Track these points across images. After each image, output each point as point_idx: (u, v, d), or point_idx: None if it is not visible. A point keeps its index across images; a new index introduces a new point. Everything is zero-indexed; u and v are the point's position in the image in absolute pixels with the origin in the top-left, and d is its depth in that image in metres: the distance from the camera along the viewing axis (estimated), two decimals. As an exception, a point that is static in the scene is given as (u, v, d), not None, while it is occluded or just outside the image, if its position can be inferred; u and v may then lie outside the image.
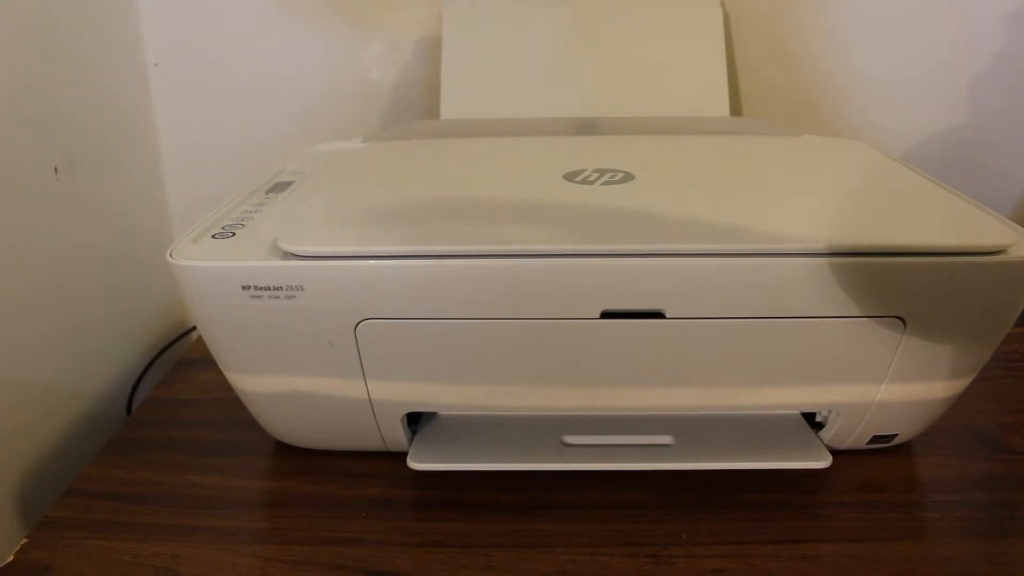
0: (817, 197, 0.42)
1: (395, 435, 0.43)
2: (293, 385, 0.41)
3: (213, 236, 0.39)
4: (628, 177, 0.43)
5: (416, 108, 0.70)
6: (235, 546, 0.40)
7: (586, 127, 0.59)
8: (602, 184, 0.42)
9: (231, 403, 0.44)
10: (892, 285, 0.36)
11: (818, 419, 0.44)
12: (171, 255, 0.37)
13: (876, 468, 0.44)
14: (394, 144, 0.53)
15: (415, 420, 0.44)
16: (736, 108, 0.69)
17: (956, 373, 0.40)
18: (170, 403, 0.53)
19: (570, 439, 0.43)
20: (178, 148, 0.71)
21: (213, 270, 0.37)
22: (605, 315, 0.37)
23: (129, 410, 0.62)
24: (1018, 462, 0.45)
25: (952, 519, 0.41)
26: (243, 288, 0.36)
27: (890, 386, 0.40)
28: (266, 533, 0.41)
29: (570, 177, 0.43)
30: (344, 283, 0.36)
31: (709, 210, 0.40)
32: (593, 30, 0.62)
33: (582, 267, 0.35)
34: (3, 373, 0.49)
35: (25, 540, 0.40)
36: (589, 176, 0.43)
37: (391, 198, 0.41)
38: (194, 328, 0.68)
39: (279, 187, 0.46)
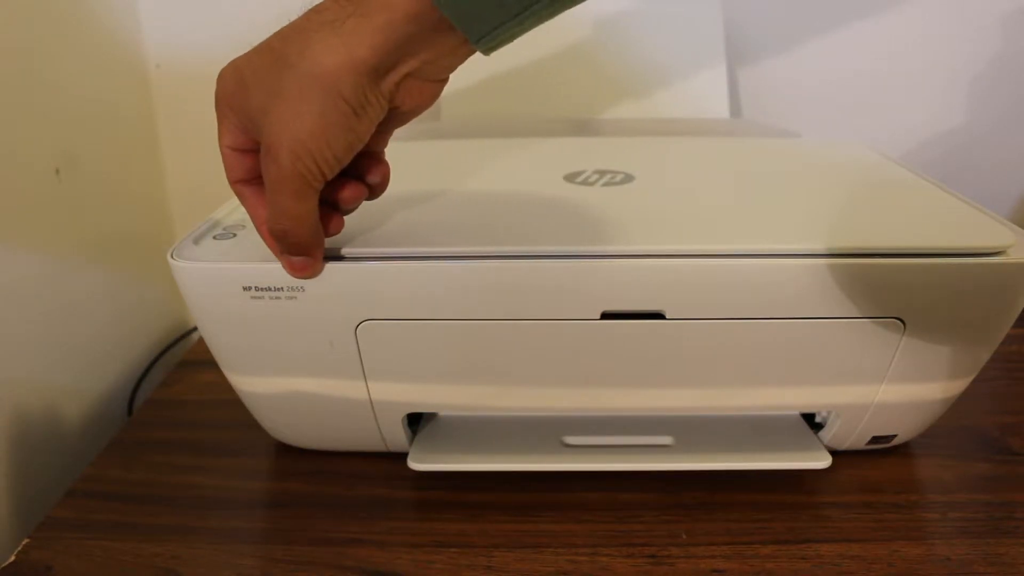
0: (817, 198, 0.42)
1: (396, 436, 0.43)
2: (294, 386, 0.41)
3: (214, 237, 0.39)
4: (628, 178, 0.43)
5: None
6: (236, 546, 0.40)
7: (586, 128, 0.59)
8: (602, 185, 0.42)
9: (232, 404, 0.44)
10: (891, 286, 0.36)
11: (818, 420, 0.44)
12: (172, 256, 0.37)
13: (875, 468, 0.45)
14: (394, 145, 0.53)
15: (416, 420, 0.45)
16: (736, 109, 0.69)
17: (955, 374, 0.40)
18: (171, 404, 0.53)
19: (570, 439, 0.43)
20: (178, 149, 0.71)
21: (214, 271, 0.37)
22: (605, 316, 0.37)
23: (130, 411, 0.62)
24: (1017, 463, 0.45)
25: (951, 519, 0.41)
26: (244, 289, 0.36)
27: (889, 387, 0.40)
28: (267, 533, 0.41)
29: (570, 178, 0.43)
30: (345, 284, 0.36)
31: (709, 211, 0.40)
32: (593, 30, 0.62)
33: (582, 268, 0.36)
34: (4, 373, 0.49)
35: (26, 540, 0.40)
36: (589, 177, 0.43)
37: (391, 199, 0.41)
38: (195, 329, 0.68)
39: (280, 188, 0.46)
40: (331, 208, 0.34)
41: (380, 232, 0.37)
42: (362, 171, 0.33)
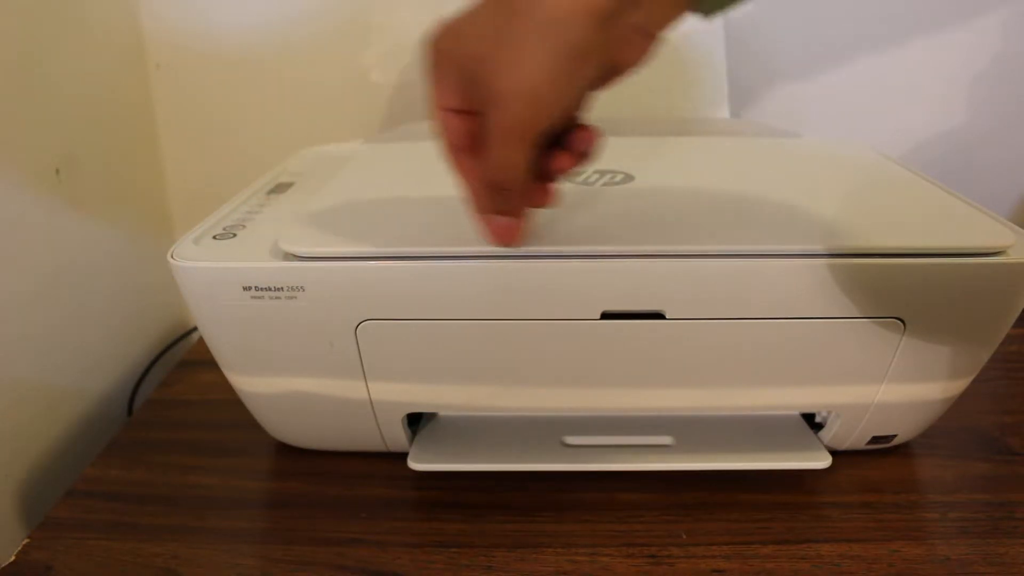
0: (817, 198, 0.42)
1: (396, 436, 0.43)
2: (294, 386, 0.41)
3: (214, 237, 0.39)
4: (628, 178, 0.43)
5: (416, 109, 0.70)
6: (236, 546, 0.40)
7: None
8: (602, 185, 0.42)
9: (232, 404, 0.44)
10: (892, 286, 0.36)
11: (818, 420, 0.44)
12: (172, 256, 0.37)
13: (875, 468, 0.45)
14: (395, 145, 0.53)
15: (415, 420, 0.45)
16: (736, 109, 0.69)
17: (955, 374, 0.40)
18: (171, 404, 0.53)
19: (570, 439, 0.43)
20: (178, 149, 0.71)
21: (214, 271, 0.37)
22: (605, 316, 0.37)
23: (130, 411, 0.62)
24: (1017, 462, 0.45)
25: (951, 519, 0.41)
26: (244, 289, 0.36)
27: (889, 387, 0.40)
28: (267, 533, 0.41)
29: (570, 178, 0.43)
30: (345, 284, 0.36)
31: (709, 211, 0.40)
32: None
33: (582, 268, 0.36)
34: (4, 373, 0.49)
35: (26, 540, 0.40)
36: (589, 177, 0.43)
37: (392, 199, 0.41)
38: (195, 329, 0.68)
39: (280, 188, 0.46)
40: (542, 178, 0.33)
41: (380, 232, 0.37)
42: (570, 140, 0.33)
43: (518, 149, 0.30)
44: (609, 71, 0.31)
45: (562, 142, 0.33)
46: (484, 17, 0.29)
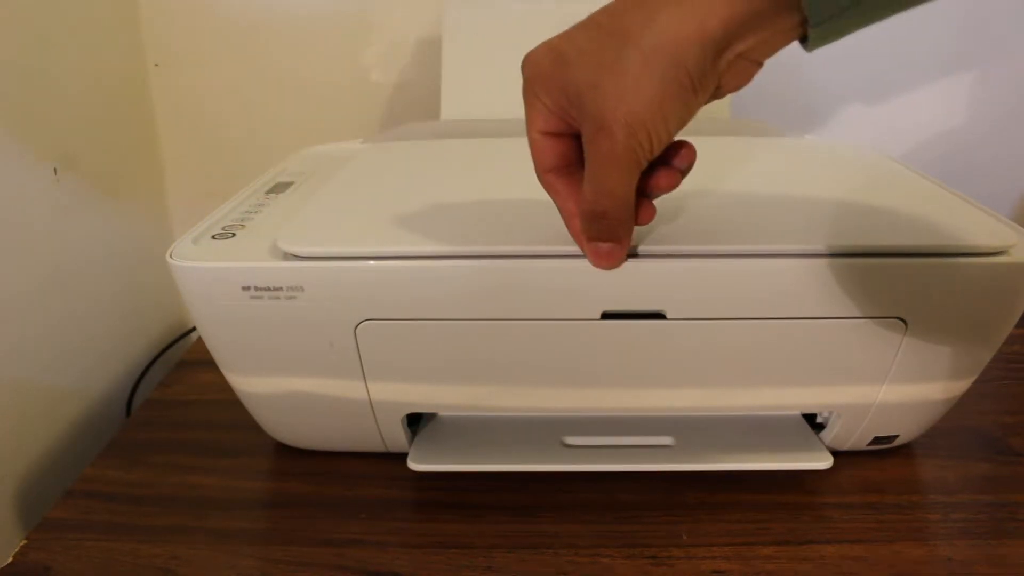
0: (818, 198, 0.41)
1: (395, 436, 0.43)
2: (293, 386, 0.41)
3: (213, 237, 0.39)
4: (628, 178, 0.43)
5: (416, 109, 0.70)
6: (235, 547, 0.40)
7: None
8: (602, 185, 0.42)
9: (231, 404, 0.44)
10: (893, 286, 0.36)
11: (819, 420, 0.44)
12: (171, 256, 0.37)
13: (877, 469, 0.44)
14: (394, 145, 0.53)
15: (415, 421, 0.44)
16: (737, 109, 0.69)
17: (957, 374, 0.40)
18: (170, 404, 0.53)
19: (570, 440, 0.43)
20: (178, 148, 0.71)
21: (213, 271, 0.37)
22: (606, 316, 0.37)
23: (129, 411, 0.62)
24: (1019, 463, 0.45)
25: (953, 520, 0.41)
26: (243, 289, 0.36)
27: (891, 387, 0.40)
28: (266, 534, 0.41)
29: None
30: (344, 284, 0.36)
31: (710, 211, 0.40)
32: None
33: (582, 268, 0.35)
34: (3, 374, 0.49)
35: (24, 541, 0.40)
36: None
37: (391, 199, 0.41)
38: (194, 329, 0.68)
39: (279, 188, 0.46)
40: (641, 196, 0.33)
41: (380, 232, 0.37)
42: (669, 157, 0.32)
43: (623, 177, 0.30)
44: (712, 95, 0.31)
45: (662, 159, 0.32)
46: (591, 42, 0.29)
